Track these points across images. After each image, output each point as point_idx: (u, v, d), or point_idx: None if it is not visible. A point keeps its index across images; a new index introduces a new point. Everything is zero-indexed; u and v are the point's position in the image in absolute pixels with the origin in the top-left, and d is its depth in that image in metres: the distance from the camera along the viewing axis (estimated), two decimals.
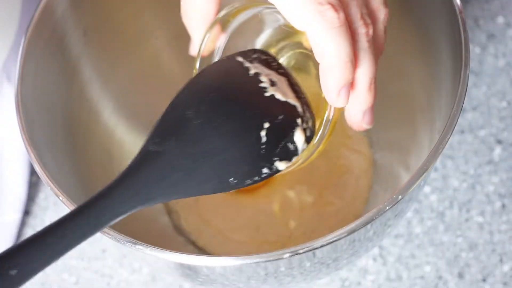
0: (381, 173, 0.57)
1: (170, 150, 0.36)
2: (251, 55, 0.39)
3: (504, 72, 0.62)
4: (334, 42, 0.35)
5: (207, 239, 0.57)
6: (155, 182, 0.36)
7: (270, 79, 0.38)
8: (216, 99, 0.37)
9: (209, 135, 0.37)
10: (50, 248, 0.33)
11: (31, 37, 0.46)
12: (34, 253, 0.32)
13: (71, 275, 0.58)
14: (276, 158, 0.38)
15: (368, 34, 0.37)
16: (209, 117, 0.37)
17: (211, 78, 0.39)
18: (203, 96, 0.38)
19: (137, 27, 0.55)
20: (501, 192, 0.58)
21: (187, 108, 0.37)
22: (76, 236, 0.34)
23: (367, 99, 0.38)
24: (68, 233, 0.33)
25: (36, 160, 0.42)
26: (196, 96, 0.38)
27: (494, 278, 0.55)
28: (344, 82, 0.37)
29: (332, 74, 0.36)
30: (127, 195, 0.35)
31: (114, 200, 0.35)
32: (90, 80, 0.53)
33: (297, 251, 0.37)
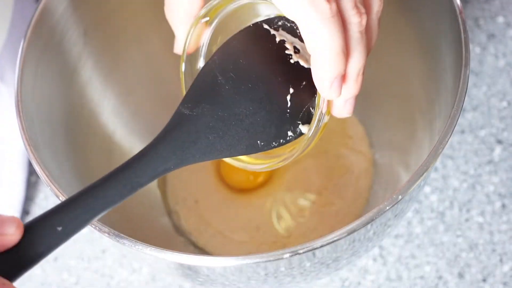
0: (381, 173, 0.57)
1: (203, 114, 0.38)
2: (276, 22, 0.40)
3: (504, 72, 0.62)
4: (326, 33, 0.35)
5: (207, 239, 0.57)
6: (190, 142, 0.38)
7: (294, 46, 0.39)
8: (245, 66, 0.39)
9: (239, 100, 0.38)
10: (91, 206, 0.35)
11: (31, 37, 0.46)
12: (77, 211, 0.34)
13: (71, 275, 0.58)
14: (299, 122, 0.39)
15: (361, 24, 0.36)
16: (239, 82, 0.39)
17: (240, 45, 0.40)
18: (233, 63, 0.39)
19: (137, 27, 0.55)
20: (501, 192, 0.58)
21: (218, 74, 0.39)
22: (116, 195, 0.35)
23: (352, 89, 0.38)
24: (109, 192, 0.35)
25: (36, 160, 0.42)
26: (226, 63, 0.39)
27: (494, 278, 0.55)
28: (337, 73, 0.36)
29: (324, 66, 0.36)
30: (164, 154, 0.37)
31: (151, 160, 0.36)
32: (90, 80, 0.53)
33: (297, 251, 0.37)
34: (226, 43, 0.40)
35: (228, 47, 0.40)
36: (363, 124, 0.59)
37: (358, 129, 0.59)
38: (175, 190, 0.59)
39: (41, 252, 0.33)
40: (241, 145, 0.39)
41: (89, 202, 0.35)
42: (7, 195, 0.59)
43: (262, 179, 0.58)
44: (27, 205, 0.61)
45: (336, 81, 0.36)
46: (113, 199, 0.35)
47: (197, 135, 0.38)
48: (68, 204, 0.34)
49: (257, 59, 0.40)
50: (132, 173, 0.36)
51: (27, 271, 0.33)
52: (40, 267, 0.58)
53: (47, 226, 0.33)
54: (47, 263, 0.58)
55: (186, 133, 0.38)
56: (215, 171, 0.59)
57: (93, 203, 0.35)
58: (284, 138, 0.39)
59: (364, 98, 0.59)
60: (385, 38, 0.53)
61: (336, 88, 0.37)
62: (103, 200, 0.35)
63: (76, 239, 0.59)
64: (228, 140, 0.38)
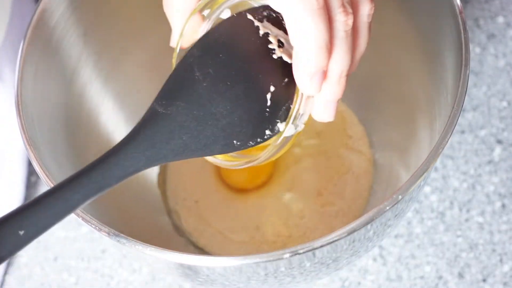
0: (381, 173, 0.57)
1: (178, 112, 0.36)
2: (261, 12, 0.39)
3: (504, 72, 0.62)
4: (311, 24, 0.35)
5: (207, 239, 0.57)
6: (162, 142, 0.36)
7: (278, 40, 0.38)
8: (225, 61, 0.37)
9: (217, 98, 0.37)
10: (54, 209, 0.33)
11: (31, 37, 0.46)
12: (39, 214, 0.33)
13: (71, 275, 0.58)
14: (278, 120, 0.38)
15: (347, 24, 0.36)
16: (217, 80, 0.37)
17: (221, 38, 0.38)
18: (212, 57, 0.38)
19: (137, 27, 0.55)
20: (501, 192, 0.58)
21: (195, 69, 0.37)
22: (81, 197, 0.34)
23: (333, 91, 0.37)
24: (74, 194, 0.34)
25: (36, 160, 0.42)
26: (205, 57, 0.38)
27: (494, 278, 0.55)
28: (317, 67, 0.36)
29: (306, 58, 0.35)
30: (135, 155, 0.35)
31: (120, 159, 0.35)
32: (90, 80, 0.53)
33: (297, 251, 0.37)
34: (206, 34, 0.39)
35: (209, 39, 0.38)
36: (363, 124, 0.59)
37: (358, 129, 0.59)
38: (175, 190, 0.59)
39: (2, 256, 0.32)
40: (217, 144, 0.37)
41: (53, 204, 0.33)
42: (6, 195, 0.59)
43: (262, 179, 0.58)
44: None
45: (316, 75, 0.36)
46: (78, 201, 0.34)
47: (170, 135, 0.36)
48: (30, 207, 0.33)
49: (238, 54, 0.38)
50: (99, 174, 0.34)
51: None
52: (40, 267, 0.58)
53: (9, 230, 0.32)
54: (47, 263, 0.58)
55: (159, 132, 0.36)
56: (215, 171, 0.59)
57: (57, 206, 0.33)
58: (261, 137, 0.38)
59: (364, 98, 0.59)
60: (385, 38, 0.53)
61: (316, 83, 0.36)
62: (68, 202, 0.33)
63: (76, 239, 0.59)
64: (203, 140, 0.37)
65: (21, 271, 0.58)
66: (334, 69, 0.36)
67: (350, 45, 0.36)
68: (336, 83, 0.37)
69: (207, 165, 0.60)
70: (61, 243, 0.59)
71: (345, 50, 0.36)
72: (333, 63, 0.36)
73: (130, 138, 0.36)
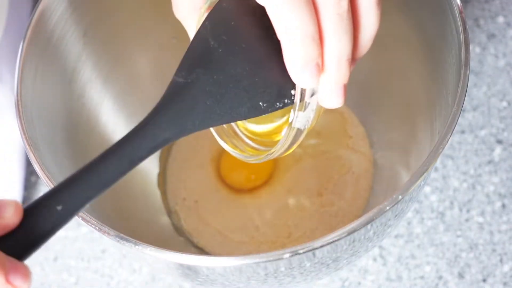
0: (381, 173, 0.57)
1: (198, 79, 0.37)
2: None
3: (505, 72, 0.62)
4: (291, 15, 0.33)
5: (207, 240, 0.57)
6: (187, 110, 0.36)
7: None
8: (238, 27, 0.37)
9: (234, 61, 0.37)
10: (91, 184, 0.34)
11: (31, 37, 0.46)
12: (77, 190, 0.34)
13: (71, 275, 0.58)
14: None
15: (340, 6, 0.34)
16: (232, 44, 0.37)
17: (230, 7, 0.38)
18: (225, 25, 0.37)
19: (136, 27, 0.55)
20: (501, 192, 0.58)
21: (210, 39, 0.37)
22: (115, 171, 0.34)
23: (335, 78, 0.35)
24: (108, 167, 0.34)
25: (36, 160, 0.42)
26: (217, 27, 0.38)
27: (494, 278, 0.55)
28: (307, 60, 0.34)
29: (292, 52, 0.34)
30: (163, 125, 0.36)
31: (149, 131, 0.35)
32: (90, 80, 0.53)
33: (297, 251, 0.37)
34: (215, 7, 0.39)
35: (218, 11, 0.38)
36: (364, 124, 0.59)
37: (358, 129, 0.59)
38: (175, 190, 0.59)
39: (44, 232, 0.33)
40: (242, 107, 0.37)
41: (89, 179, 0.34)
42: (4, 195, 0.59)
43: (262, 179, 0.58)
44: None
45: (308, 68, 0.34)
46: (112, 176, 0.34)
47: (194, 102, 0.36)
48: (67, 183, 0.34)
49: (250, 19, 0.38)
50: (130, 146, 0.35)
51: (34, 252, 0.33)
52: (40, 267, 0.58)
53: (46, 207, 0.33)
54: (47, 263, 0.58)
55: (183, 100, 0.36)
56: (215, 171, 0.59)
57: (93, 180, 0.34)
58: (288, 97, 0.37)
59: (364, 98, 0.59)
60: (385, 38, 0.53)
61: (309, 75, 0.35)
62: (102, 177, 0.34)
63: (76, 239, 0.59)
64: (227, 103, 0.37)
65: None
66: (330, 56, 0.35)
67: (347, 28, 0.35)
68: (336, 70, 0.35)
69: (207, 165, 0.60)
70: (61, 243, 0.59)
71: (341, 34, 0.34)
72: (328, 50, 0.35)
73: (155, 111, 0.36)
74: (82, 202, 0.34)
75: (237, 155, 0.44)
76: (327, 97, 0.36)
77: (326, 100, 0.36)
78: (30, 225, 0.33)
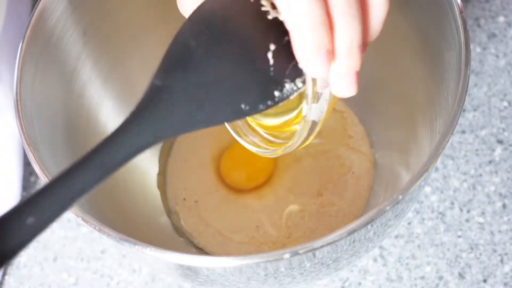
0: (382, 173, 0.57)
1: (177, 83, 0.36)
2: None
3: (505, 72, 0.62)
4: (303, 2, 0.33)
5: (207, 240, 0.56)
6: (167, 115, 0.35)
7: (271, 2, 0.37)
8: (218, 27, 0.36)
9: (215, 63, 0.36)
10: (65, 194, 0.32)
11: (30, 37, 0.46)
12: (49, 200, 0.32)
13: (70, 275, 0.58)
14: (286, 80, 0.36)
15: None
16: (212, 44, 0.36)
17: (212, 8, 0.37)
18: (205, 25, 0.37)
19: (137, 27, 0.55)
20: (502, 192, 0.58)
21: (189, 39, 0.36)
22: (90, 180, 0.33)
23: (346, 65, 0.34)
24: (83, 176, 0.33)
25: (35, 160, 0.42)
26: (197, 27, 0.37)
27: (494, 279, 0.55)
28: (318, 47, 0.34)
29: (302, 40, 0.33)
30: (140, 130, 0.34)
31: (126, 137, 0.34)
32: (89, 80, 0.53)
33: (297, 252, 0.37)
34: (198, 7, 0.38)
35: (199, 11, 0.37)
36: (364, 124, 0.59)
37: (358, 129, 0.59)
38: (175, 190, 0.59)
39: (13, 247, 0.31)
40: (224, 112, 0.36)
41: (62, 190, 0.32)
42: (3, 194, 0.59)
43: (262, 179, 0.58)
44: None
45: (319, 55, 0.34)
46: (87, 185, 0.33)
47: (172, 106, 0.35)
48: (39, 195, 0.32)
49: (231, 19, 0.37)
50: (107, 153, 0.34)
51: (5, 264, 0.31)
52: (39, 267, 0.58)
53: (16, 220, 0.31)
54: (46, 263, 0.58)
55: (161, 105, 0.35)
56: (215, 171, 0.59)
57: (66, 191, 0.32)
58: (271, 99, 0.36)
59: (364, 98, 0.59)
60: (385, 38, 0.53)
61: (321, 63, 0.34)
62: (77, 185, 0.32)
63: (76, 239, 0.59)
64: (208, 107, 0.35)
65: (21, 271, 0.58)
66: (340, 43, 0.34)
67: (356, 13, 0.34)
68: (347, 57, 0.34)
69: (207, 165, 0.59)
70: (61, 243, 0.59)
71: (350, 20, 0.34)
72: (338, 37, 0.34)
73: (132, 116, 0.35)
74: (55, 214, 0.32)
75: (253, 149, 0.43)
76: (340, 85, 0.35)
77: (339, 88, 0.36)
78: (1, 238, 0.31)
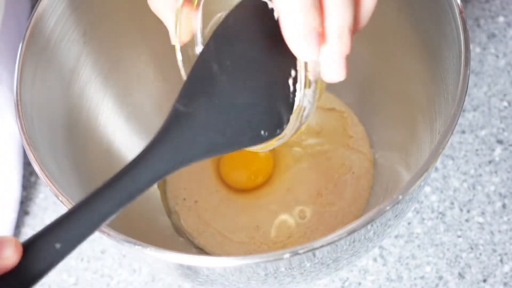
0: (382, 173, 0.57)
1: (200, 110, 0.36)
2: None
3: (505, 72, 0.62)
4: None
5: (207, 240, 0.56)
6: (189, 142, 0.35)
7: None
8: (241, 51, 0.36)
9: (238, 90, 0.36)
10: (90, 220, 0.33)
11: (30, 37, 0.46)
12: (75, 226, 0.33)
13: (71, 275, 0.58)
14: None
15: None
16: (236, 71, 0.36)
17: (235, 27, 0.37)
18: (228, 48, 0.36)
19: (137, 27, 0.55)
20: (502, 192, 0.58)
21: (212, 63, 0.36)
22: (114, 205, 0.34)
23: (336, 50, 0.34)
24: (107, 202, 0.33)
25: (35, 160, 0.42)
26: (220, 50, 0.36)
27: (494, 279, 0.55)
28: (308, 28, 0.33)
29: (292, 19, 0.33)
30: (163, 157, 0.35)
31: (149, 164, 0.34)
32: (89, 80, 0.53)
33: (297, 251, 0.37)
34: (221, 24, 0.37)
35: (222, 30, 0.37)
36: (364, 124, 0.59)
37: (358, 129, 0.59)
38: (175, 190, 0.59)
39: (41, 270, 0.32)
40: (244, 137, 0.36)
41: (87, 215, 0.33)
42: (3, 195, 0.59)
43: (262, 179, 0.58)
44: (27, 205, 0.61)
45: (309, 37, 0.33)
46: (111, 210, 0.33)
47: (196, 134, 0.35)
48: (65, 220, 0.33)
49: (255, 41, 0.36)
50: (130, 180, 0.34)
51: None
52: None
53: (46, 244, 0.32)
54: None
55: (184, 132, 0.35)
56: (215, 171, 0.59)
57: (91, 216, 0.33)
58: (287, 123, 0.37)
59: (364, 98, 0.59)
60: (385, 37, 0.53)
61: (310, 45, 0.33)
62: (101, 212, 0.33)
63: None
64: (229, 134, 0.36)
65: None
66: (332, 25, 0.34)
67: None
68: (337, 41, 0.34)
69: (207, 165, 0.59)
70: None
71: (341, 4, 0.33)
72: (329, 19, 0.33)
73: (155, 141, 0.35)
74: (81, 238, 0.33)
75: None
76: (330, 69, 0.35)
77: (329, 72, 0.35)
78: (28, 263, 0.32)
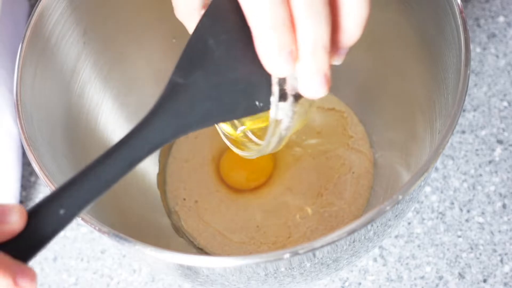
0: (382, 173, 0.57)
1: (197, 81, 0.37)
2: None
3: (505, 72, 0.62)
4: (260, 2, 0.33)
5: (207, 240, 0.56)
6: (186, 112, 0.37)
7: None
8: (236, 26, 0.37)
9: (234, 64, 0.37)
10: (92, 187, 0.34)
11: (30, 37, 0.46)
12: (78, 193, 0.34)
13: (71, 275, 0.58)
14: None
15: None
16: (231, 44, 0.37)
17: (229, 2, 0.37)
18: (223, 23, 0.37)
19: (137, 27, 0.55)
20: (502, 192, 0.58)
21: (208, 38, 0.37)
22: (115, 173, 0.35)
23: (311, 66, 0.34)
24: (108, 170, 0.35)
25: (35, 160, 0.42)
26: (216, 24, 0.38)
27: (494, 279, 0.55)
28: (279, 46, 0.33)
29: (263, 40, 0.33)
30: (160, 126, 0.36)
31: (148, 132, 0.36)
32: (89, 80, 0.53)
33: (297, 252, 0.37)
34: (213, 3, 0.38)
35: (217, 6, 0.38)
36: (364, 124, 0.59)
37: (358, 129, 0.59)
38: (175, 190, 0.59)
39: (47, 235, 0.33)
40: (239, 108, 0.37)
41: (89, 182, 0.34)
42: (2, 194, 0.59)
43: (262, 179, 0.58)
44: (27, 205, 0.61)
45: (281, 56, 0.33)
46: (112, 177, 0.35)
47: (193, 104, 0.37)
48: (68, 187, 0.34)
49: None
50: (129, 148, 0.35)
51: (37, 254, 0.34)
52: (40, 267, 0.58)
53: (50, 210, 0.33)
54: (46, 263, 0.58)
55: (181, 102, 0.37)
56: (215, 171, 0.59)
57: (93, 183, 0.34)
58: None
59: (364, 98, 0.59)
60: (385, 37, 0.53)
61: (282, 65, 0.34)
62: (102, 179, 0.35)
63: (76, 239, 0.59)
64: (225, 105, 0.37)
65: None
66: (304, 43, 0.34)
67: (322, 13, 0.33)
68: (311, 58, 0.34)
69: (207, 165, 0.59)
70: (61, 243, 0.59)
71: (314, 19, 0.33)
72: (300, 37, 0.33)
73: (154, 111, 0.36)
74: (84, 204, 0.34)
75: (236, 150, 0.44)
76: (306, 86, 0.35)
77: (306, 89, 0.35)
78: (34, 228, 0.33)
